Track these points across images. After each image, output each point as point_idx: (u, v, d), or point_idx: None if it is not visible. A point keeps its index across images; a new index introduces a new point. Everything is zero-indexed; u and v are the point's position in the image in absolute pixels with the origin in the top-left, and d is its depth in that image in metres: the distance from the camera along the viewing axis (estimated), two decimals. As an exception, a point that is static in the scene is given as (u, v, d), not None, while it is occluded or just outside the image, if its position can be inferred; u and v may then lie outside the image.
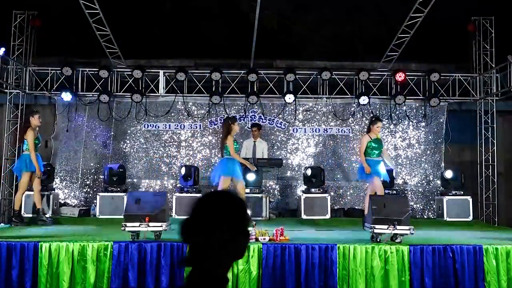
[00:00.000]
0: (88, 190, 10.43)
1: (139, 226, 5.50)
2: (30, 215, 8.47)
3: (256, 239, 5.54)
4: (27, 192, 9.11)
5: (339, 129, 10.66)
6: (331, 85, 10.47)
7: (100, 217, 8.87)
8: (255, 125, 9.94)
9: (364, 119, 10.68)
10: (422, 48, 10.33)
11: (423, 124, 10.68)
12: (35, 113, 8.04)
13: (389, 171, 8.57)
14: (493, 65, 10.29)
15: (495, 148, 10.49)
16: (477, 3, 10.14)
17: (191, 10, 10.36)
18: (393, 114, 10.65)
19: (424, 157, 10.59)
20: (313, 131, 10.67)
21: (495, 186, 10.45)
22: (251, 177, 8.96)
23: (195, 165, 10.16)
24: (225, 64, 10.51)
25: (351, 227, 7.89)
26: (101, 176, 10.00)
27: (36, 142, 7.95)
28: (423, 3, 8.64)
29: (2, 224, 8.62)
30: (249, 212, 8.57)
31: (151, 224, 5.51)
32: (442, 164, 10.54)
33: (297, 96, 10.36)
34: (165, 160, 10.60)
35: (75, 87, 10.34)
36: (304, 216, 8.97)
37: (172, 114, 10.64)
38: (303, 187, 9.59)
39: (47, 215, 8.37)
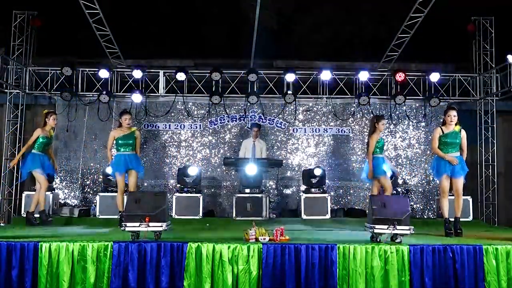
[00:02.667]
0: (88, 190, 10.44)
1: (139, 226, 5.50)
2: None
3: (256, 239, 5.53)
4: (28, 193, 9.13)
5: (339, 129, 10.66)
6: (331, 85, 10.47)
7: (100, 217, 8.87)
8: (254, 125, 9.96)
9: (364, 119, 10.69)
10: (422, 48, 10.33)
11: (423, 124, 10.69)
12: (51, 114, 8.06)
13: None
14: (493, 65, 10.31)
15: (495, 148, 10.51)
16: (477, 3, 10.15)
17: (191, 10, 10.36)
18: (393, 114, 10.66)
19: (424, 157, 10.60)
20: (313, 131, 10.67)
21: (495, 186, 10.46)
22: (251, 176, 8.96)
23: (195, 165, 10.17)
24: (225, 64, 10.50)
25: (351, 227, 7.88)
26: (101, 176, 10.00)
27: (44, 141, 7.91)
28: (423, 3, 8.64)
29: (2, 224, 8.63)
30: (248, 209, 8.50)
31: (151, 224, 5.51)
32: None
33: (297, 96, 10.37)
34: (165, 160, 10.61)
35: (75, 87, 10.35)
36: (304, 216, 8.96)
37: (172, 114, 10.65)
38: (303, 187, 9.58)
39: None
